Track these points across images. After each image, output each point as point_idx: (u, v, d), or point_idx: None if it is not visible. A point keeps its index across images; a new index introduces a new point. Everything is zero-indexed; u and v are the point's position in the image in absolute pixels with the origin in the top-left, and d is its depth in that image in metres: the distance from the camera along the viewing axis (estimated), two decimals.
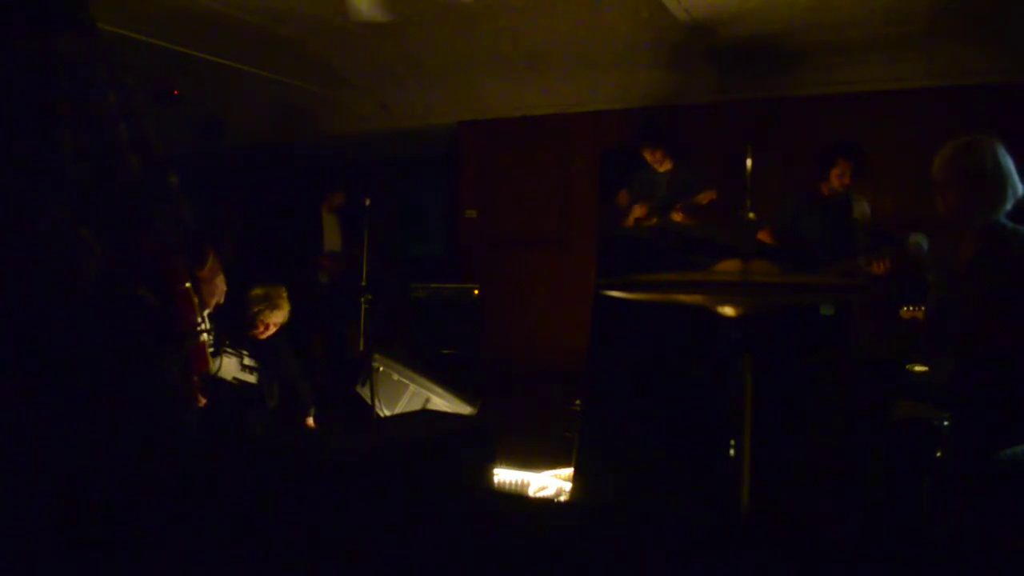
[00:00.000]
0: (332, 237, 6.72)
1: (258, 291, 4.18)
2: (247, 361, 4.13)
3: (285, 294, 4.24)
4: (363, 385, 4.62)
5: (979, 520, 2.25)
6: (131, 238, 1.79)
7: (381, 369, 4.59)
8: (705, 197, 4.88)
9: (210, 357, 2.01)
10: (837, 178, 4.46)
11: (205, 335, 2.01)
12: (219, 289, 2.07)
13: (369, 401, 4.44)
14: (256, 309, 4.14)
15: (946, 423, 2.29)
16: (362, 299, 4.77)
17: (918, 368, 2.88)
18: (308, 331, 6.47)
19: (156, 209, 1.82)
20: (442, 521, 1.78)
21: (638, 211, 5.21)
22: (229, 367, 4.07)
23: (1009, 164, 2.50)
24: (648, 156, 5.13)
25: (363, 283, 4.79)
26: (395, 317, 6.76)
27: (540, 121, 7.16)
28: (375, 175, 8.57)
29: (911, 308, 3.55)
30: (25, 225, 1.71)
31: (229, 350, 4.07)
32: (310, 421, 4.43)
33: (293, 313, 4.34)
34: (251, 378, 4.14)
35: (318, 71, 6.67)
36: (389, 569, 1.68)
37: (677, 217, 4.97)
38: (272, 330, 4.22)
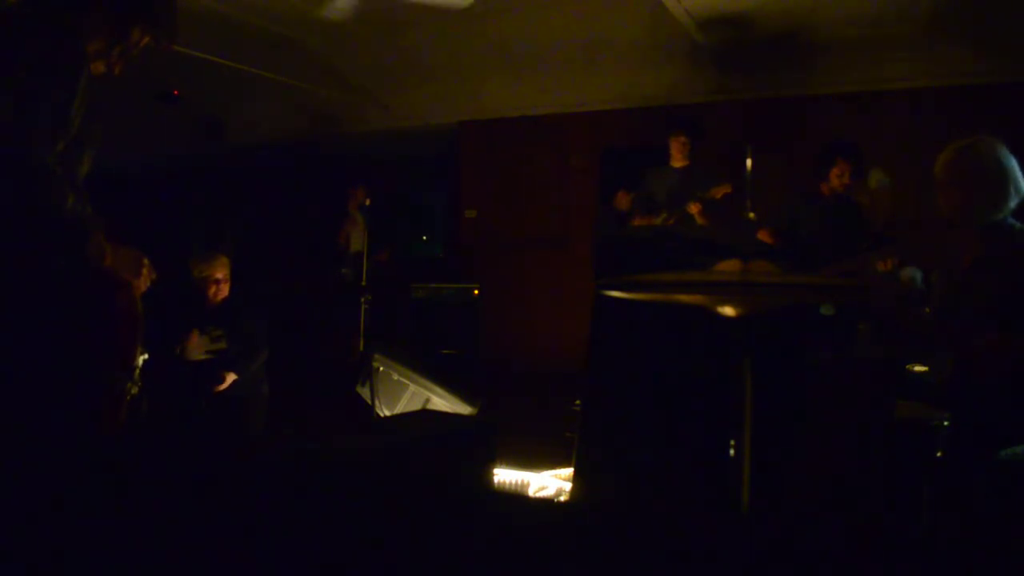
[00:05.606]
0: (357, 237, 6.69)
1: (192, 261, 4.39)
2: (215, 333, 4.22)
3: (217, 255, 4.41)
4: (363, 385, 4.60)
5: (979, 520, 2.25)
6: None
7: (381, 369, 4.57)
8: (720, 191, 4.86)
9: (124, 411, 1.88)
10: (836, 178, 4.52)
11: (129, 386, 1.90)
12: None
13: (369, 401, 4.44)
14: (196, 272, 4.28)
15: (946, 423, 2.29)
16: (362, 299, 4.77)
17: (918, 368, 2.87)
18: (311, 331, 6.47)
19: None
20: (442, 521, 1.78)
21: (640, 220, 5.19)
22: (197, 348, 4.17)
23: (1012, 164, 2.50)
24: (674, 147, 5.11)
25: (363, 283, 4.79)
26: (395, 317, 6.76)
27: (540, 121, 7.16)
28: (375, 175, 8.57)
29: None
30: None
31: (196, 332, 4.18)
32: (225, 382, 4.25)
33: (303, 312, 4.36)
34: (221, 345, 4.23)
35: (318, 71, 6.66)
36: (390, 569, 1.68)
37: (694, 209, 4.92)
38: (224, 288, 4.31)
